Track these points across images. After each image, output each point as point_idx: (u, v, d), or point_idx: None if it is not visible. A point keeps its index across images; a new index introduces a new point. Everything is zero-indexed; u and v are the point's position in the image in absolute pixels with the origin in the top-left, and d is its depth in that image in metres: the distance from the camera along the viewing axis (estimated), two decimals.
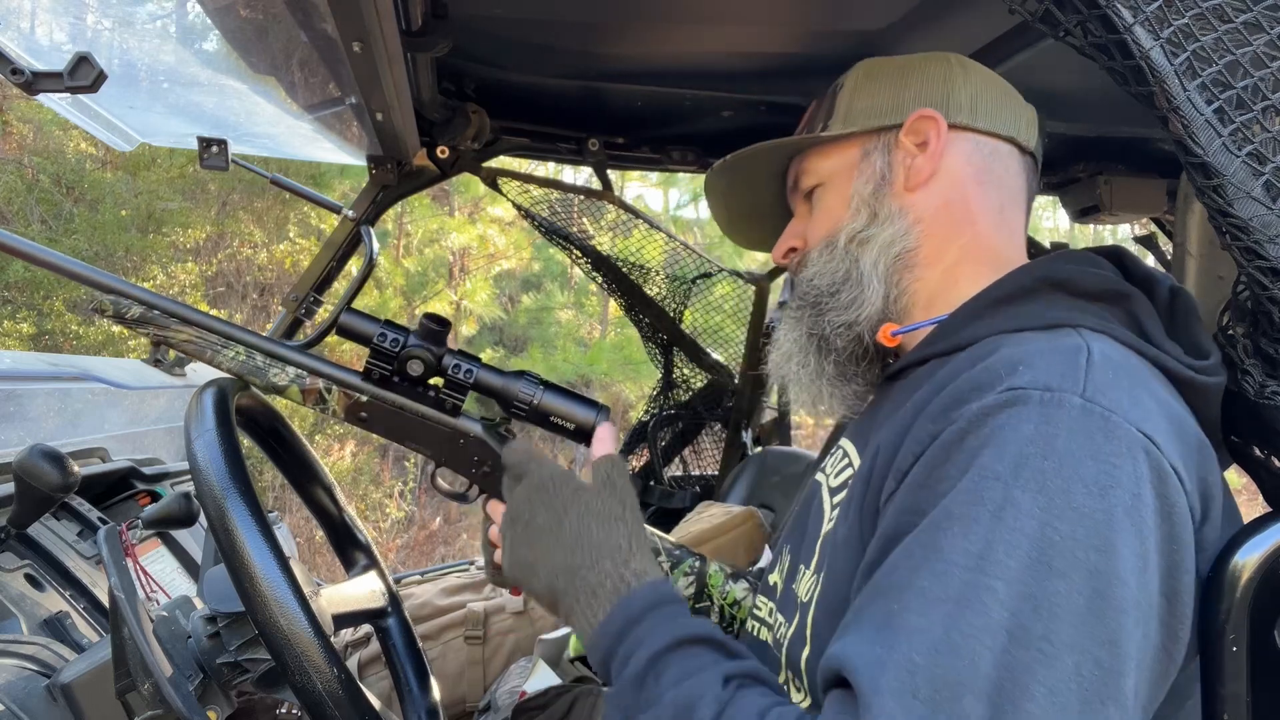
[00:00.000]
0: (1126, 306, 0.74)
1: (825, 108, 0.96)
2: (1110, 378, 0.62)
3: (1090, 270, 0.78)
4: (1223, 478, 0.72)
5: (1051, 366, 0.63)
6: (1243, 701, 0.76)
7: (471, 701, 1.84)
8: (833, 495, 0.84)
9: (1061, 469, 0.57)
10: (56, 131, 8.26)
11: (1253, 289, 0.69)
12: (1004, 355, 0.66)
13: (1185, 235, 1.00)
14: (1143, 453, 0.59)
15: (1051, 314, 0.73)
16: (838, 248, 0.89)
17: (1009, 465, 0.58)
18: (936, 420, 0.65)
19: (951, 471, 0.61)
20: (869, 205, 0.89)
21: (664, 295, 2.60)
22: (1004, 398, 0.61)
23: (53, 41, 1.48)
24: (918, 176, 0.88)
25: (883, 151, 0.91)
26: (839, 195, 0.92)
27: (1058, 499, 0.56)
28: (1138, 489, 0.58)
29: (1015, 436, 0.59)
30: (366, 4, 0.98)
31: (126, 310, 0.99)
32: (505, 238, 8.76)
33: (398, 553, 8.28)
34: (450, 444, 0.98)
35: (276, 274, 8.75)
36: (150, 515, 1.27)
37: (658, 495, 2.64)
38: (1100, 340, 0.67)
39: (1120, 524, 0.56)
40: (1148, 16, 0.63)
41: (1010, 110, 0.92)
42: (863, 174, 0.91)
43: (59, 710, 1.01)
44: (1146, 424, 0.60)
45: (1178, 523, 0.59)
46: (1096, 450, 0.58)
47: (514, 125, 1.85)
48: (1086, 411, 0.59)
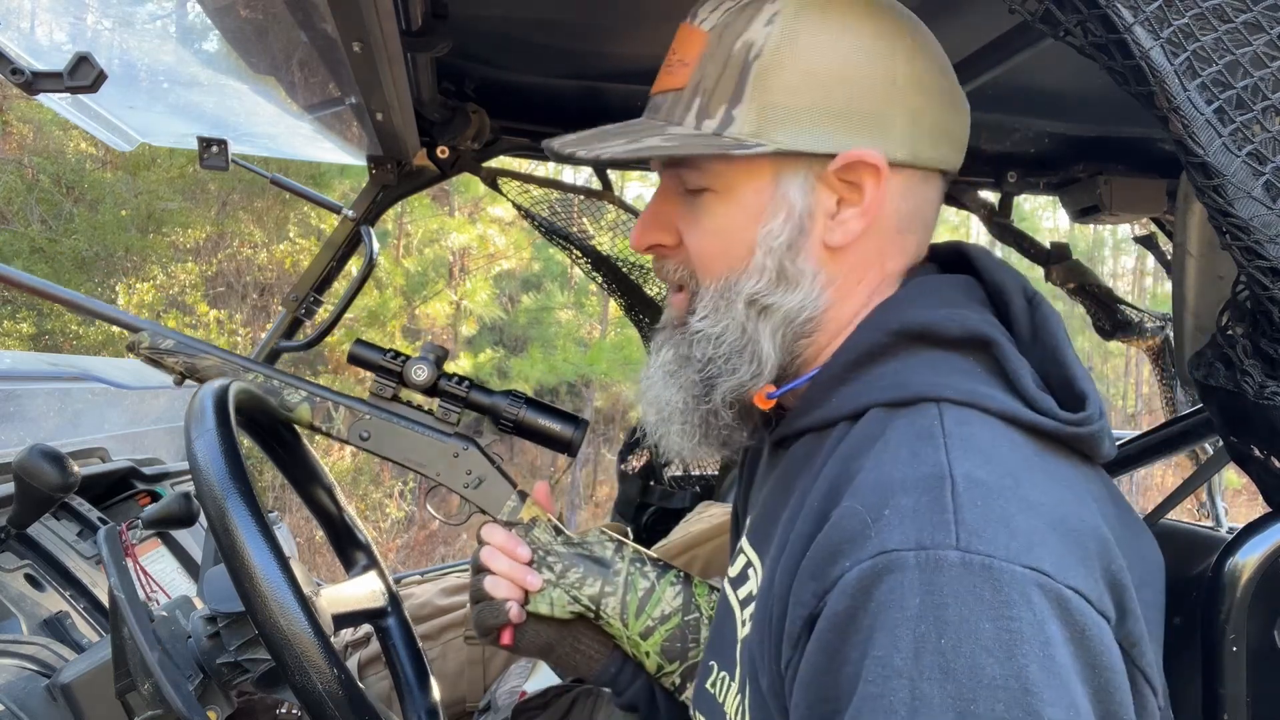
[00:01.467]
0: (992, 353, 0.70)
1: (731, 75, 0.73)
2: (980, 512, 0.58)
3: (947, 312, 0.72)
4: (1140, 528, 0.69)
5: (919, 512, 0.58)
6: (1243, 701, 0.76)
7: (471, 701, 1.84)
8: (735, 588, 0.82)
9: (960, 644, 0.54)
10: (56, 131, 8.26)
11: (1253, 289, 0.69)
12: (868, 486, 0.62)
13: (1185, 235, 1.00)
14: (1036, 589, 0.55)
15: (913, 380, 0.68)
16: (736, 307, 0.76)
17: (907, 655, 0.55)
18: (816, 578, 0.61)
19: (852, 656, 0.57)
20: (777, 260, 0.75)
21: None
22: (879, 564, 0.57)
23: (53, 41, 1.48)
24: (844, 236, 0.74)
25: (803, 187, 0.74)
26: (738, 224, 0.75)
27: (965, 680, 0.53)
28: (1042, 633, 0.54)
29: (903, 616, 0.55)
30: (366, 4, 0.98)
31: (161, 343, 1.10)
32: (505, 238, 8.77)
33: (398, 553, 8.28)
34: (445, 459, 1.05)
35: (276, 274, 8.75)
36: (150, 515, 1.27)
37: (658, 495, 2.65)
38: (964, 434, 0.63)
39: (1037, 682, 0.53)
40: (1148, 16, 0.63)
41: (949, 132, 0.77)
42: (775, 213, 0.74)
43: (59, 710, 1.01)
44: (1030, 554, 0.56)
45: (1093, 644, 0.56)
46: (988, 609, 0.54)
47: (514, 125, 1.85)
48: (966, 566, 0.55)
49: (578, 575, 1.00)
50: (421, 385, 1.05)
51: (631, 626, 1.00)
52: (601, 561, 1.01)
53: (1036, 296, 0.76)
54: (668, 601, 1.01)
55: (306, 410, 1.09)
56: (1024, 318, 0.74)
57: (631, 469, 2.74)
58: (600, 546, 1.03)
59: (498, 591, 0.99)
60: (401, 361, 1.06)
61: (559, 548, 1.02)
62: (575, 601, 1.00)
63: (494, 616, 0.99)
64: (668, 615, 1.00)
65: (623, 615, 1.00)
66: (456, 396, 1.05)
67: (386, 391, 1.06)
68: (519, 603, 1.00)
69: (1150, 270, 13.65)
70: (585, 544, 1.03)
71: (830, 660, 0.59)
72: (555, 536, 1.03)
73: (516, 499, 1.04)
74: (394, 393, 1.07)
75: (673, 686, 1.02)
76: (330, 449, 8.16)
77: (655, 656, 1.00)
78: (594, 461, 10.62)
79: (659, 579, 1.02)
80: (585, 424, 1.06)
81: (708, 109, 0.74)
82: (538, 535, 1.02)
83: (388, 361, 1.06)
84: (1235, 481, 5.97)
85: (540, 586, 0.99)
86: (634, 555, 1.03)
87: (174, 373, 1.11)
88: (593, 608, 1.00)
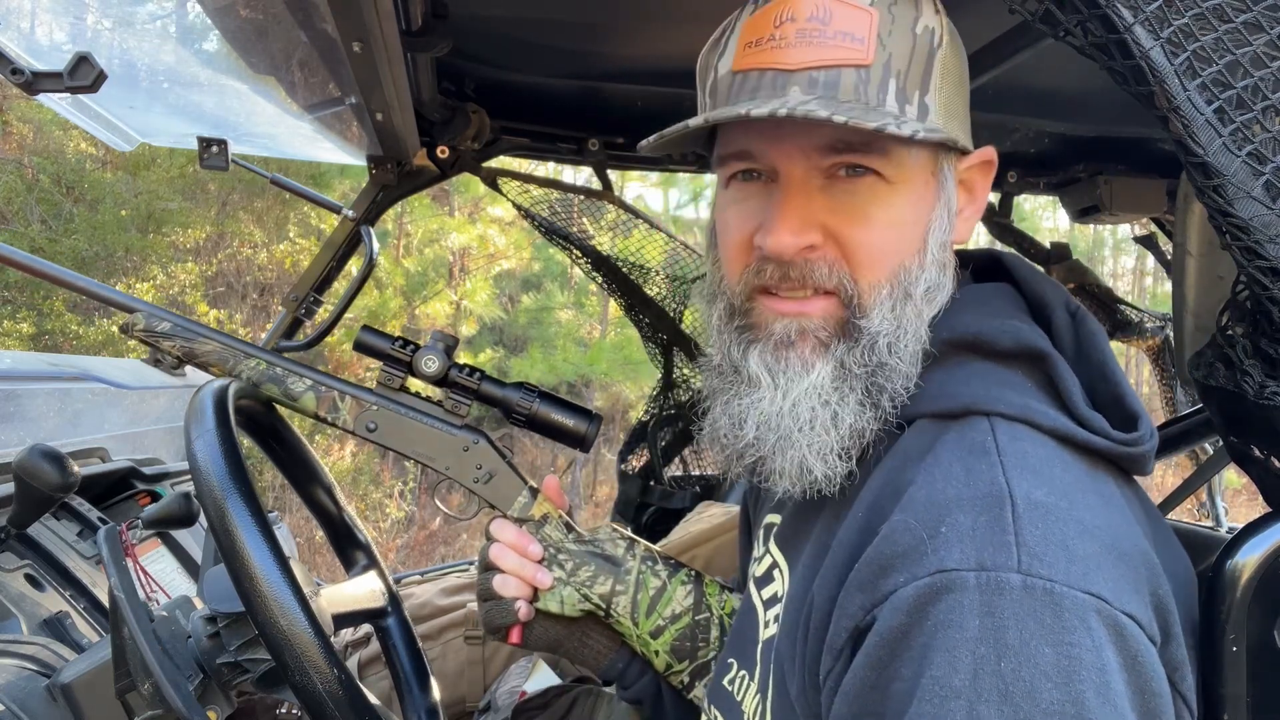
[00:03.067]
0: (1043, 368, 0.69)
1: (919, 62, 0.69)
2: (1041, 534, 0.57)
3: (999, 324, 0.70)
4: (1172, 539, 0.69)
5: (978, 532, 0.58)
6: (1243, 701, 0.76)
7: (471, 701, 1.84)
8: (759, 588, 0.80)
9: (1020, 669, 0.54)
10: (56, 131, 8.26)
11: (1253, 289, 0.69)
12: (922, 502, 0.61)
13: (1185, 235, 1.00)
14: (1095, 615, 0.56)
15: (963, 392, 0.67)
16: (912, 304, 0.70)
17: (966, 677, 0.54)
18: (865, 591, 0.61)
19: (904, 673, 0.57)
20: (943, 252, 0.72)
21: (664, 295, 2.60)
22: (937, 582, 0.57)
23: (53, 41, 1.48)
24: (966, 233, 0.73)
25: (950, 181, 0.73)
26: (912, 216, 0.70)
27: (1024, 704, 0.53)
28: (1100, 660, 0.55)
29: (962, 637, 0.55)
30: (366, 4, 0.98)
31: (157, 324, 1.04)
32: (505, 238, 8.76)
33: (398, 553, 8.28)
34: (454, 453, 1.01)
35: (276, 274, 8.74)
36: (150, 515, 1.27)
37: (658, 495, 2.64)
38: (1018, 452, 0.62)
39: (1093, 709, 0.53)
40: (1148, 16, 0.63)
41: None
42: (939, 205, 0.72)
43: (59, 710, 1.01)
44: (1090, 579, 0.56)
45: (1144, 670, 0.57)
46: (1049, 633, 0.54)
47: (514, 125, 1.85)
48: (1029, 590, 0.55)
49: (589, 573, 0.99)
50: (432, 376, 1.00)
51: (642, 625, 0.99)
52: (613, 560, 1.00)
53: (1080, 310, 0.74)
54: (679, 601, 1.00)
55: (312, 400, 1.04)
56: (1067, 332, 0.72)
57: (631, 469, 2.74)
58: (612, 544, 1.02)
59: (507, 590, 0.98)
60: (411, 351, 1.01)
61: (570, 545, 1.01)
62: (586, 600, 0.99)
63: (503, 616, 0.98)
64: (678, 614, 1.00)
65: (633, 614, 0.99)
66: (467, 388, 1.01)
67: (394, 382, 1.02)
68: (528, 601, 0.99)
69: (1150, 270, 13.64)
70: (597, 541, 1.02)
71: (879, 675, 0.58)
72: (567, 534, 1.01)
73: (528, 495, 1.02)
74: (402, 383, 1.02)
75: (681, 685, 1.01)
76: (330, 449, 8.16)
77: (665, 655, 1.00)
78: (594, 461, 10.62)
79: (670, 578, 1.01)
80: (599, 419, 1.03)
81: (905, 93, 0.68)
82: (549, 532, 1.01)
83: (396, 350, 1.01)
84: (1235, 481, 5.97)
85: (551, 585, 0.98)
86: (645, 553, 1.02)
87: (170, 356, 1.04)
88: (603, 606, 0.99)
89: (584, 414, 1.02)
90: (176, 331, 1.04)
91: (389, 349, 1.01)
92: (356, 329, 1.04)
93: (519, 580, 0.98)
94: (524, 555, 0.99)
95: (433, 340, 1.01)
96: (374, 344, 1.02)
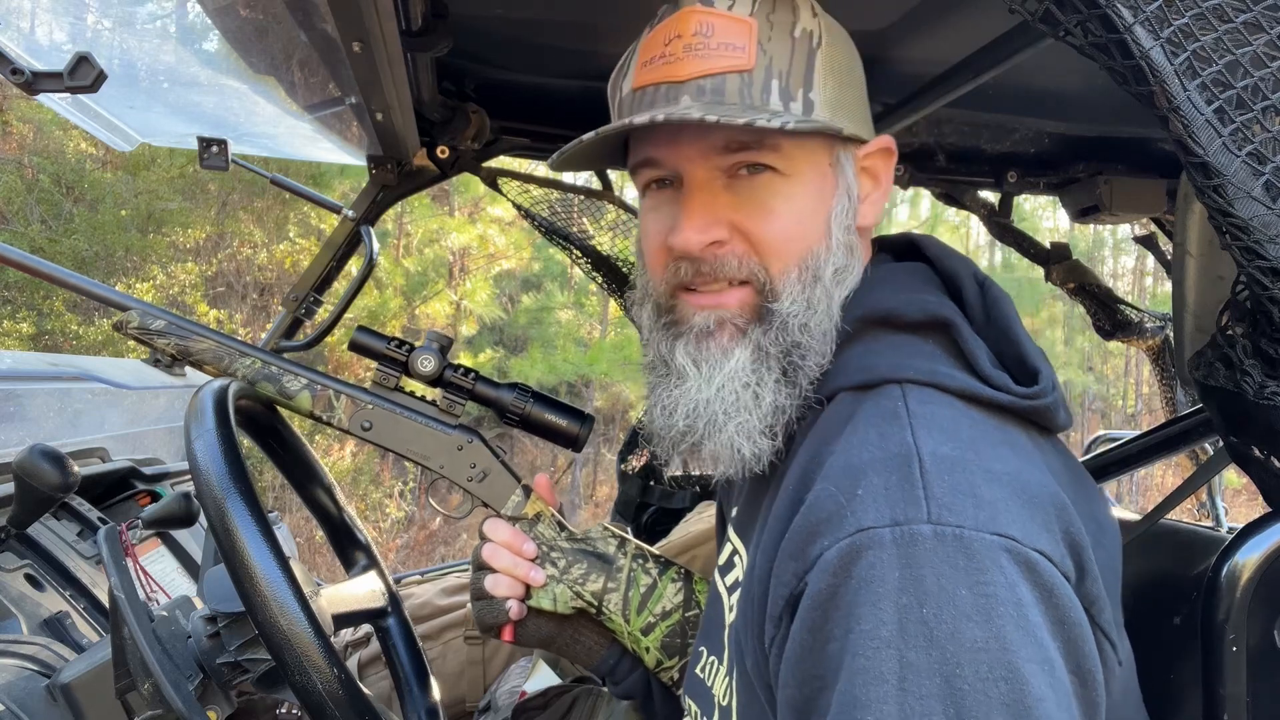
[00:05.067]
0: (950, 335, 0.72)
1: (799, 61, 0.75)
2: (948, 485, 0.61)
3: (907, 297, 0.75)
4: (1095, 493, 0.72)
5: (891, 490, 0.61)
6: (1243, 701, 0.76)
7: (471, 701, 1.84)
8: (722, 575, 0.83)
9: (941, 612, 0.57)
10: (56, 131, 8.26)
11: (1252, 289, 0.69)
12: (840, 469, 0.64)
13: (1185, 235, 1.00)
14: (1005, 554, 0.58)
15: (878, 364, 0.71)
16: (821, 285, 0.75)
17: (893, 627, 0.57)
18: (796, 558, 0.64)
19: (836, 632, 0.60)
20: (848, 236, 0.77)
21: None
22: (857, 541, 0.60)
23: (53, 41, 1.48)
24: (874, 216, 0.79)
25: (850, 169, 0.78)
26: (811, 205, 0.76)
27: (949, 646, 0.56)
28: (1015, 595, 0.57)
29: (885, 590, 0.58)
30: (366, 4, 0.98)
31: (151, 322, 1.04)
32: (505, 238, 8.76)
33: (398, 553, 8.28)
34: (448, 452, 1.02)
35: (276, 274, 8.75)
36: (150, 515, 1.27)
37: (658, 495, 2.64)
38: (927, 413, 0.66)
39: (1014, 641, 0.56)
40: (1148, 16, 0.63)
41: None
42: (837, 191, 0.77)
43: (59, 710, 1.01)
44: (998, 522, 0.59)
45: (1060, 602, 0.59)
46: (963, 576, 0.57)
47: (514, 125, 1.85)
48: (940, 538, 0.58)
49: (581, 571, 1.01)
50: (428, 376, 1.01)
51: (633, 622, 1.01)
52: (605, 558, 1.02)
53: (987, 280, 0.79)
54: (669, 598, 1.01)
55: (307, 398, 1.04)
56: (976, 300, 0.77)
57: (631, 469, 2.74)
58: (604, 543, 1.03)
59: (499, 589, 1.00)
60: (406, 351, 1.02)
61: (563, 543, 1.02)
62: (578, 597, 1.00)
63: (494, 615, 1.00)
64: (669, 611, 1.01)
65: (624, 611, 1.00)
66: (462, 388, 1.02)
67: (390, 381, 1.03)
68: (520, 600, 1.00)
69: (1150, 270, 13.65)
70: (589, 539, 1.03)
71: (815, 637, 0.61)
72: (559, 532, 1.03)
73: (521, 494, 1.03)
74: (397, 382, 1.04)
75: (671, 681, 1.03)
76: (330, 449, 8.16)
77: (655, 652, 1.01)
78: (594, 461, 10.62)
79: (661, 575, 1.02)
80: (591, 419, 1.05)
81: (789, 92, 0.74)
82: (542, 530, 1.02)
83: (392, 350, 1.02)
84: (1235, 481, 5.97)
85: (544, 583, 1.00)
86: (636, 552, 1.04)
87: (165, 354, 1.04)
88: (595, 603, 1.00)
89: (577, 415, 1.04)
90: (170, 330, 1.04)
91: (384, 349, 1.02)
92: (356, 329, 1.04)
93: (511, 580, 1.00)
94: (518, 554, 1.00)
95: (428, 340, 1.02)
96: (369, 344, 1.03)
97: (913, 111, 1.48)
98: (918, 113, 1.48)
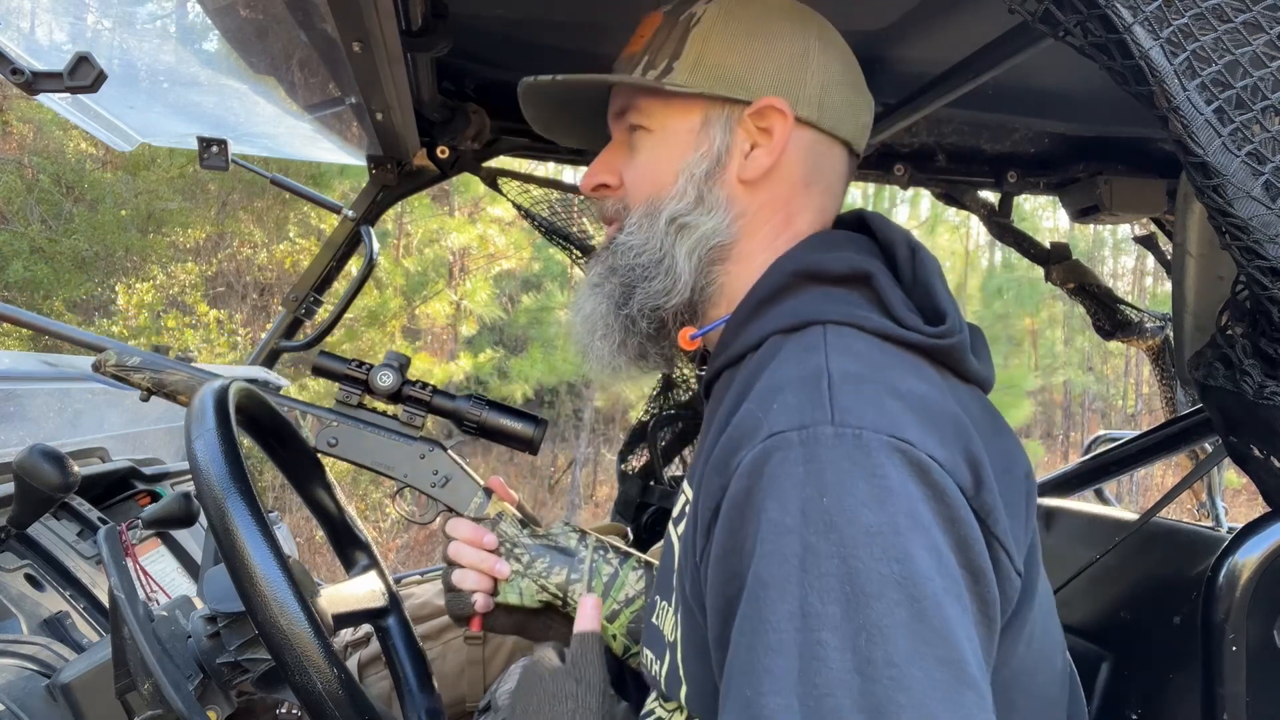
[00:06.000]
0: (870, 284, 0.79)
1: (674, 39, 0.87)
2: (851, 393, 0.66)
3: (835, 255, 0.82)
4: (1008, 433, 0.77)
5: (801, 401, 0.67)
6: (1243, 701, 0.76)
7: (471, 701, 1.84)
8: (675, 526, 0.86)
9: (841, 499, 0.61)
10: (56, 131, 8.26)
11: (1252, 289, 0.69)
12: (761, 392, 0.71)
13: (1185, 235, 1.00)
14: (899, 454, 0.63)
15: (803, 309, 0.78)
16: (658, 223, 0.87)
17: (796, 515, 0.61)
18: (720, 472, 0.69)
19: (749, 530, 0.64)
20: (697, 187, 0.86)
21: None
22: (769, 445, 0.65)
23: (53, 41, 1.48)
24: (754, 170, 0.85)
25: (724, 127, 0.86)
26: (666, 156, 0.87)
27: (847, 530, 0.60)
28: (906, 490, 0.62)
29: (790, 483, 0.63)
30: (366, 4, 0.98)
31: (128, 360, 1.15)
32: (505, 238, 8.76)
33: (398, 553, 8.29)
34: (411, 461, 1.10)
35: (276, 274, 8.75)
36: (150, 515, 1.27)
37: (658, 495, 2.64)
38: (842, 344, 0.72)
39: (905, 527, 0.60)
40: (1147, 16, 0.63)
41: (853, 110, 0.89)
42: (699, 146, 0.86)
43: (59, 710, 1.01)
44: (895, 426, 0.64)
45: (951, 502, 0.63)
46: (860, 469, 0.62)
47: (514, 125, 1.85)
48: (839, 436, 0.63)
49: (544, 564, 1.06)
50: (386, 391, 1.08)
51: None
52: (566, 551, 1.07)
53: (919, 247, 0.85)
54: (631, 585, 1.06)
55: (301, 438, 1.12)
56: (907, 264, 0.83)
57: (631, 469, 2.74)
58: (564, 537, 1.08)
59: (465, 583, 1.06)
60: (366, 370, 1.09)
61: (525, 539, 1.08)
62: (543, 590, 1.05)
63: (461, 607, 1.07)
64: (632, 598, 1.05)
65: None
66: (420, 401, 1.09)
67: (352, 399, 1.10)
68: (486, 593, 1.07)
69: (1150, 270, 13.65)
70: (550, 535, 1.08)
71: (733, 537, 0.65)
72: (521, 529, 1.08)
73: (483, 495, 1.09)
74: (359, 400, 1.11)
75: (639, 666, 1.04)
76: None
77: (622, 638, 1.05)
78: (594, 461, 10.62)
79: (622, 565, 1.07)
80: (545, 423, 1.11)
81: (653, 63, 0.87)
82: (505, 529, 1.08)
83: (352, 370, 1.09)
84: (1235, 481, 5.97)
85: (509, 574, 1.06)
86: (596, 544, 1.09)
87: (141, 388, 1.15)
88: (560, 595, 1.05)
89: (531, 419, 1.10)
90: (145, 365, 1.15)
91: (346, 370, 1.10)
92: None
93: (477, 574, 1.07)
94: (480, 547, 1.07)
95: (387, 359, 1.10)
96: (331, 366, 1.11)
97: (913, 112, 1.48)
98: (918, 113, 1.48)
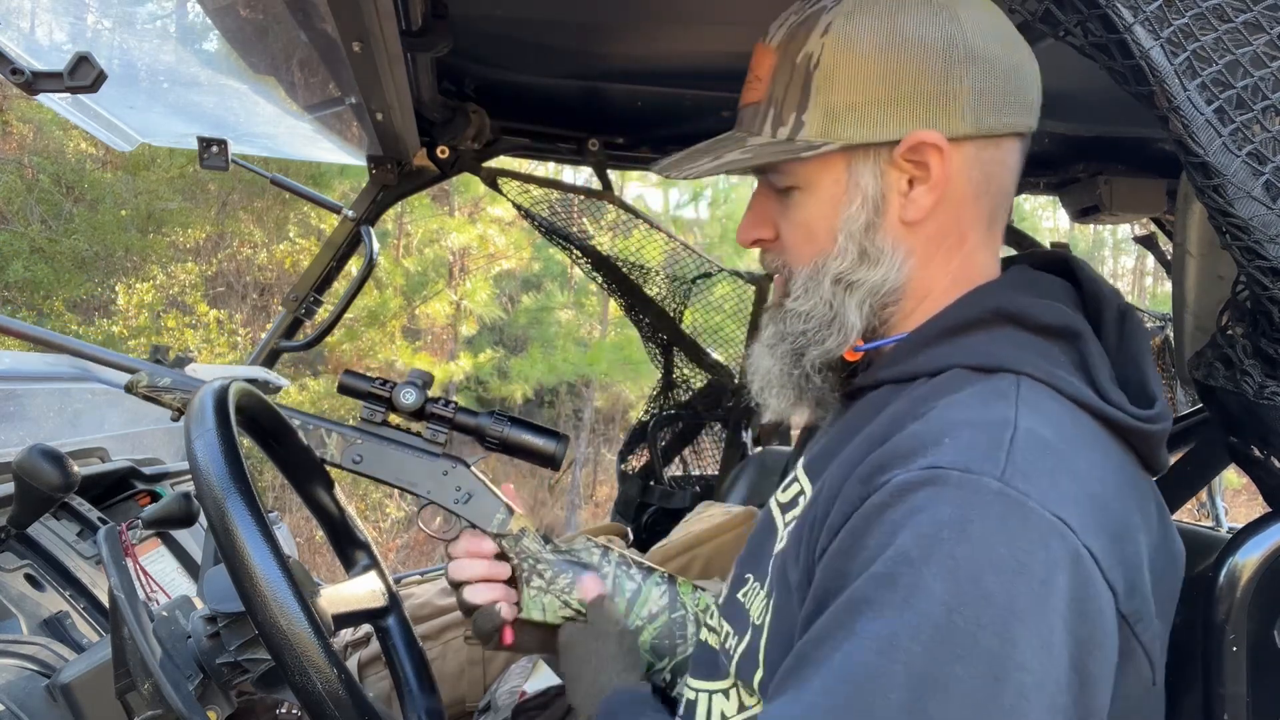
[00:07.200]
0: (1077, 346, 0.75)
1: (796, 86, 0.80)
2: (1031, 459, 0.63)
3: (1045, 303, 0.77)
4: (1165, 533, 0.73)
5: (975, 444, 0.64)
6: (1243, 701, 0.76)
7: (471, 701, 1.84)
8: (784, 512, 0.85)
9: (974, 555, 0.59)
10: (56, 131, 8.26)
11: (1252, 289, 0.69)
12: (935, 420, 0.68)
13: (1185, 235, 1.00)
14: (1056, 537, 0.60)
15: (999, 353, 0.73)
16: (823, 286, 0.82)
17: (924, 550, 0.59)
18: (865, 483, 0.67)
19: (870, 543, 0.63)
20: (858, 243, 0.81)
21: (664, 295, 2.60)
22: (924, 475, 0.63)
23: (53, 41, 1.48)
24: (917, 211, 0.79)
25: (873, 172, 0.80)
26: (821, 214, 0.82)
27: (966, 584, 0.58)
28: (1048, 574, 0.59)
29: (931, 520, 0.60)
30: (366, 4, 0.98)
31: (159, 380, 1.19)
32: (505, 238, 8.76)
33: (398, 553, 8.29)
34: (434, 478, 1.09)
35: (276, 274, 8.75)
36: (150, 515, 1.27)
37: (658, 495, 2.64)
38: (1035, 401, 0.68)
39: (1023, 609, 0.58)
40: (1148, 16, 0.63)
41: (1019, 89, 0.79)
42: (851, 199, 0.81)
43: (59, 710, 1.01)
44: (1063, 508, 0.61)
45: (1092, 603, 0.60)
46: (1010, 537, 0.59)
47: (514, 125, 1.85)
48: (1002, 496, 0.60)
49: (567, 580, 1.04)
50: (410, 408, 1.08)
51: None
52: (589, 566, 1.05)
53: (1130, 311, 0.80)
54: (654, 601, 1.05)
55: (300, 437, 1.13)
56: (1114, 326, 0.78)
57: (631, 469, 2.75)
58: (587, 553, 1.07)
59: (479, 597, 1.03)
60: (389, 388, 1.10)
61: (548, 555, 1.06)
62: (566, 606, 1.03)
63: (489, 621, 1.03)
64: (655, 614, 1.04)
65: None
66: (443, 418, 1.09)
67: (376, 417, 1.11)
68: (508, 601, 1.04)
69: (1150, 270, 13.64)
70: (573, 551, 1.07)
71: (853, 542, 0.64)
72: (544, 545, 1.06)
73: (505, 512, 1.08)
74: (383, 418, 1.11)
75: (663, 683, 1.04)
76: None
77: (646, 655, 1.03)
78: (594, 461, 10.62)
79: (645, 580, 1.06)
80: (566, 439, 1.11)
81: (781, 118, 0.81)
82: (527, 545, 1.06)
83: (376, 389, 1.10)
84: (1235, 481, 5.97)
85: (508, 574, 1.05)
86: (619, 559, 1.07)
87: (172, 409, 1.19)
88: (583, 611, 1.03)
89: (553, 435, 1.10)
90: (176, 385, 1.18)
91: (370, 388, 1.11)
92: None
93: (487, 585, 1.04)
94: (479, 555, 1.05)
95: (411, 377, 1.11)
96: (356, 385, 1.11)
97: None
98: None
